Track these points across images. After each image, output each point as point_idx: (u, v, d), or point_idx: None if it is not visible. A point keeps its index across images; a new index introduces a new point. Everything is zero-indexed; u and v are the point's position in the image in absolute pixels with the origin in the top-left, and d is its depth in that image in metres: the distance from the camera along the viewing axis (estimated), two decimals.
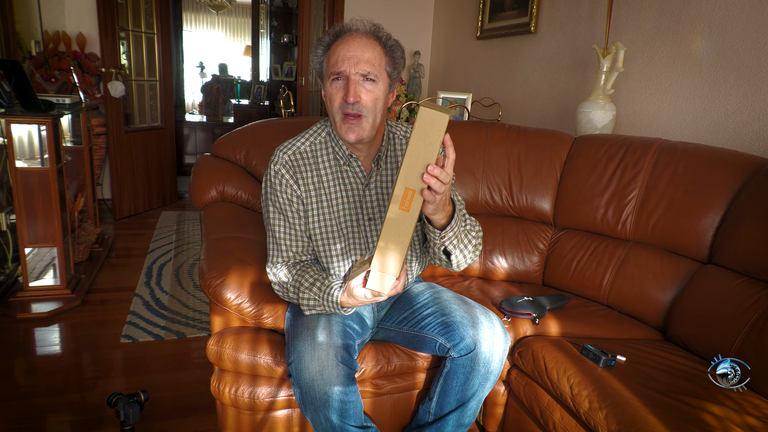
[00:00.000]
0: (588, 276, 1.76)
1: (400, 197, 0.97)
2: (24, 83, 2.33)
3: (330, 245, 1.31)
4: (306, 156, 1.30)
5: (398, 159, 1.34)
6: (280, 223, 1.29)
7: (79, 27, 3.78)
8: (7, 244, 2.68)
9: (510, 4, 3.25)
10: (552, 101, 2.91)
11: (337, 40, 1.21)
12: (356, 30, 1.22)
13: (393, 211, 0.98)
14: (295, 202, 1.28)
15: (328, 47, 1.23)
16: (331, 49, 1.22)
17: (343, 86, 1.19)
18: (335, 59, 1.19)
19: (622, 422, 1.10)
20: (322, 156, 1.30)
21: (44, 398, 1.77)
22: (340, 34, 1.22)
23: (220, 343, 1.33)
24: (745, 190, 1.48)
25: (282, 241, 1.29)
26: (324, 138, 1.32)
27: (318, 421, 1.14)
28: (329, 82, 1.21)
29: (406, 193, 0.97)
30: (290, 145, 1.31)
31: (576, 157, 1.88)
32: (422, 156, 0.95)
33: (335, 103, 1.21)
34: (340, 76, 1.19)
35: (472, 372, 1.21)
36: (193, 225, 3.97)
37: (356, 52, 1.18)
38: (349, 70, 1.18)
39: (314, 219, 1.29)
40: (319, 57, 1.25)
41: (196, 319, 2.43)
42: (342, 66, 1.18)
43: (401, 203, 0.97)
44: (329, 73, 1.20)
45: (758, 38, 1.80)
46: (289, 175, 1.28)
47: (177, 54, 6.31)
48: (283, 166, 1.28)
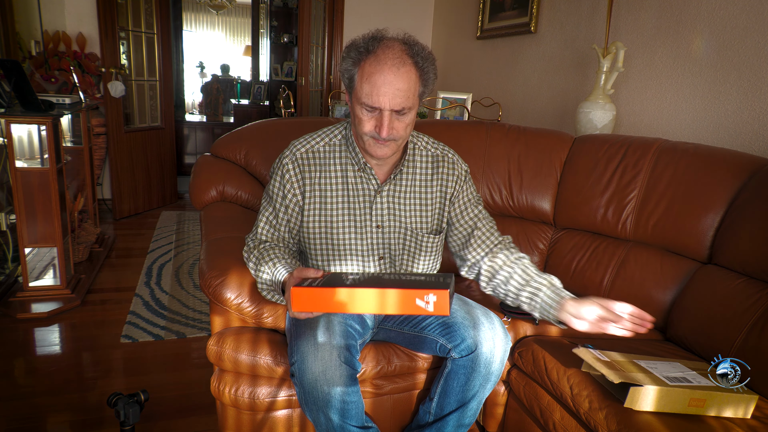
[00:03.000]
0: (588, 276, 1.76)
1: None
2: (24, 83, 2.33)
3: (329, 248, 1.30)
4: (319, 156, 1.29)
5: (417, 170, 1.32)
6: (268, 210, 1.31)
7: (79, 27, 3.78)
8: (7, 244, 2.68)
9: (510, 4, 3.25)
10: (552, 101, 2.91)
11: (369, 57, 1.13)
12: (391, 47, 1.13)
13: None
14: (289, 199, 1.28)
15: (358, 61, 1.15)
16: (364, 67, 1.13)
17: (375, 117, 1.15)
18: (369, 89, 1.12)
19: (622, 422, 1.10)
20: (334, 158, 1.29)
21: (44, 398, 1.77)
22: (372, 48, 1.13)
23: (220, 343, 1.33)
24: (745, 190, 1.48)
25: (261, 224, 1.31)
26: (340, 141, 1.30)
27: (319, 420, 1.14)
28: (360, 107, 1.15)
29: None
30: (305, 142, 1.30)
31: (576, 157, 1.88)
32: None
33: (364, 128, 1.17)
34: (374, 109, 1.14)
35: (473, 373, 1.21)
36: (193, 225, 3.97)
37: (393, 83, 1.11)
38: (383, 106, 1.12)
39: (314, 218, 1.29)
40: (349, 70, 1.17)
41: (196, 319, 2.43)
42: (377, 102, 1.12)
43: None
44: (362, 102, 1.14)
45: (758, 38, 1.80)
46: (294, 172, 1.27)
47: (177, 54, 6.31)
48: (291, 162, 1.27)
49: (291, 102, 4.00)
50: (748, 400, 1.12)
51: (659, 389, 1.10)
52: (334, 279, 1.03)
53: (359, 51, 1.15)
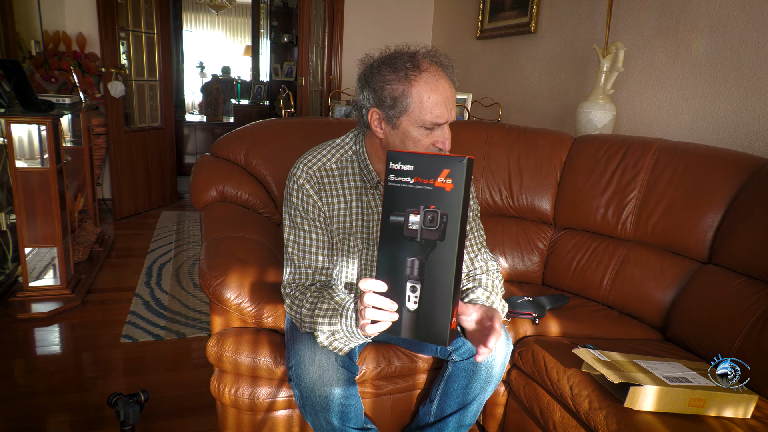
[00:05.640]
0: (588, 276, 1.76)
1: None
2: (24, 83, 2.33)
3: (344, 266, 1.25)
4: (332, 173, 1.21)
5: None
6: (297, 239, 1.20)
7: (79, 27, 3.78)
8: (7, 244, 2.68)
9: (510, 4, 3.25)
10: (552, 101, 2.91)
11: (421, 76, 1.08)
12: (436, 64, 1.11)
13: None
14: (318, 216, 1.19)
15: (407, 80, 1.08)
16: (417, 86, 1.07)
17: (432, 133, 1.11)
18: (431, 105, 1.07)
19: (622, 422, 1.10)
20: (348, 176, 1.22)
21: (44, 398, 1.77)
22: (421, 67, 1.08)
23: (219, 344, 1.33)
24: (745, 190, 1.48)
25: (296, 256, 1.19)
26: (351, 157, 1.23)
27: (319, 424, 1.14)
28: (419, 127, 1.09)
29: None
30: (315, 160, 1.21)
31: (576, 157, 1.88)
32: None
33: (421, 147, 1.11)
34: (435, 126, 1.10)
35: (474, 376, 1.21)
36: (193, 225, 3.97)
37: (451, 98, 1.10)
38: (448, 120, 1.10)
39: (334, 238, 1.24)
40: (394, 90, 1.08)
41: (196, 319, 2.43)
42: (444, 117, 1.09)
43: None
44: (425, 121, 1.08)
45: (758, 38, 1.80)
46: (314, 191, 1.18)
47: (177, 54, 6.31)
48: (307, 181, 1.18)
49: (291, 102, 4.00)
50: (748, 400, 1.12)
51: (659, 389, 1.10)
52: None
53: (406, 67, 1.08)
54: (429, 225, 0.82)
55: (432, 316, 0.85)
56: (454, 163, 0.80)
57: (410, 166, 0.81)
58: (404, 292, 0.85)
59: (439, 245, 0.82)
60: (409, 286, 0.85)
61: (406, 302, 0.86)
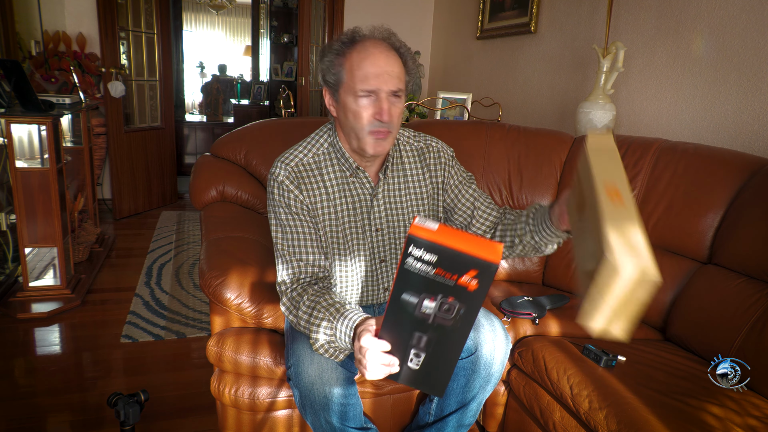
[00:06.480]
0: None
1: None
2: (24, 83, 2.33)
3: (334, 257, 1.26)
4: (309, 168, 1.23)
5: (405, 166, 1.31)
6: (285, 235, 1.20)
7: (79, 27, 3.78)
8: (7, 244, 2.68)
9: (510, 4, 3.25)
10: (552, 101, 2.91)
11: (354, 48, 1.14)
12: (373, 37, 1.15)
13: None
14: (302, 209, 1.21)
15: (342, 54, 1.14)
16: (350, 58, 1.13)
17: (372, 103, 1.13)
18: (363, 74, 1.12)
19: (622, 422, 1.10)
20: (326, 167, 1.25)
21: (44, 398, 1.77)
22: (356, 40, 1.15)
23: (220, 344, 1.33)
24: (745, 190, 1.48)
25: (286, 251, 1.19)
26: (327, 149, 1.26)
27: (318, 424, 1.13)
28: (354, 97, 1.13)
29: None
30: (292, 157, 1.23)
31: (576, 157, 1.88)
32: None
33: (362, 120, 1.14)
34: (371, 93, 1.13)
35: (473, 375, 1.21)
36: (193, 225, 3.97)
37: (385, 68, 1.12)
38: (380, 88, 1.12)
39: (321, 231, 1.26)
40: (332, 65, 1.16)
41: (196, 319, 2.43)
42: (374, 83, 1.12)
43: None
44: (356, 89, 1.12)
45: (758, 38, 1.80)
46: (294, 186, 1.20)
47: (177, 54, 6.31)
48: (286, 178, 1.20)
49: (291, 102, 4.00)
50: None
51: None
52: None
53: (342, 43, 1.15)
54: (444, 314, 0.79)
55: (433, 375, 0.86)
56: (485, 266, 0.74)
57: (433, 256, 0.75)
58: (407, 356, 0.86)
59: (449, 328, 0.80)
60: (413, 352, 0.85)
61: (408, 363, 0.86)
